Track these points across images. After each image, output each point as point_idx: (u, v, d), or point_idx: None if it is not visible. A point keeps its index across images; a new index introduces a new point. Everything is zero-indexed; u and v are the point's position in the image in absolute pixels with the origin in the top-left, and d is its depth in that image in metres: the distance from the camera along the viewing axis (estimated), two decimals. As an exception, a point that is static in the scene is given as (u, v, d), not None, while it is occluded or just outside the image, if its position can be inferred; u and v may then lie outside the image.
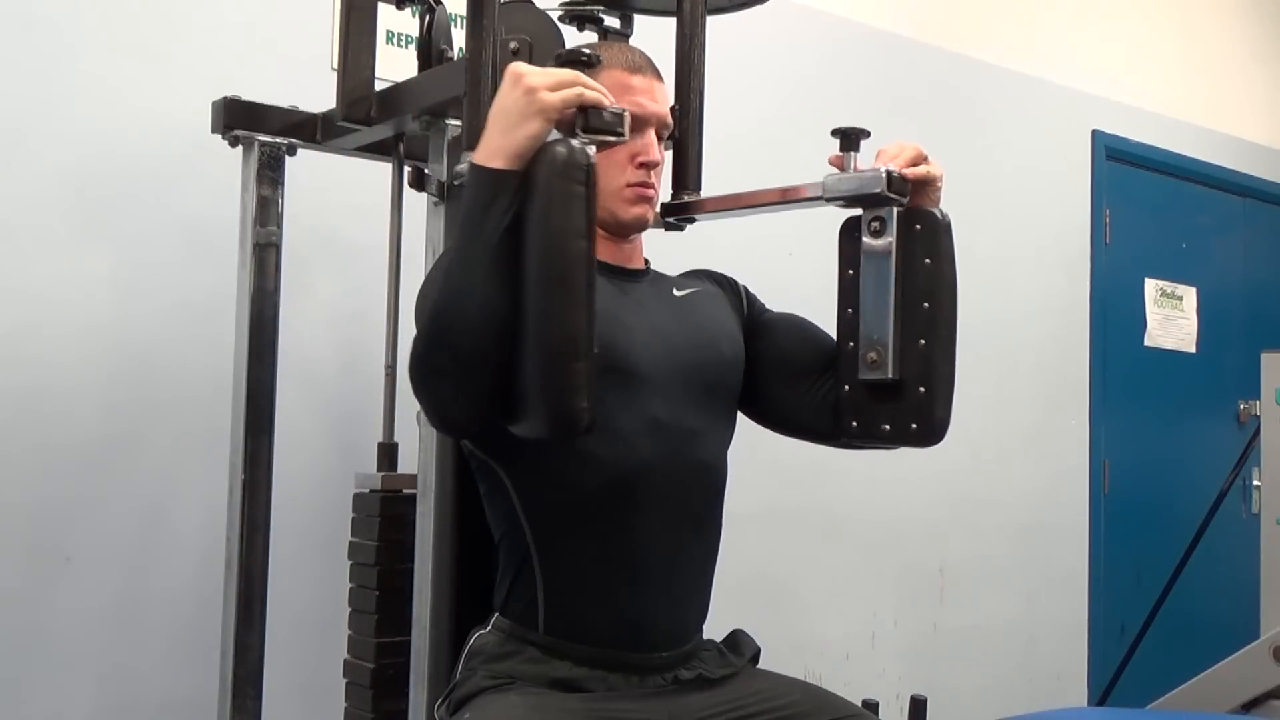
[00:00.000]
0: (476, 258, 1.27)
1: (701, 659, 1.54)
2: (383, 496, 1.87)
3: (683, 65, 1.73)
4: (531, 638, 1.48)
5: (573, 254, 1.24)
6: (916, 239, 1.46)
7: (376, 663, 1.82)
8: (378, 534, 1.85)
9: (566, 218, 1.24)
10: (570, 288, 1.24)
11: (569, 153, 1.26)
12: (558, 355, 1.24)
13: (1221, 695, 2.73)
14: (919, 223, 1.47)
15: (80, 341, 2.12)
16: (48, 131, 2.10)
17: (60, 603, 2.08)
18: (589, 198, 1.25)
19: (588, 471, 1.46)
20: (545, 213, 1.25)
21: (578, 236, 1.25)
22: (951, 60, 3.53)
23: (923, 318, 1.46)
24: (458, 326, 1.27)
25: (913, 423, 1.47)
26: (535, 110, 1.27)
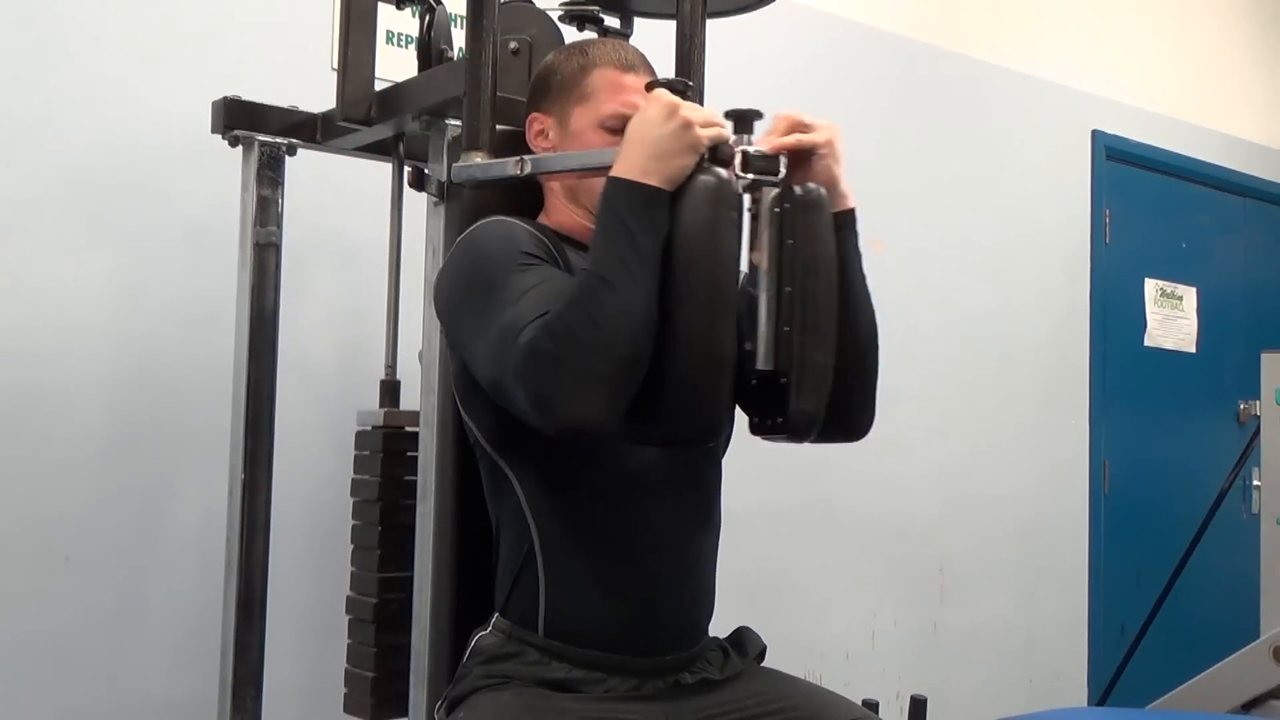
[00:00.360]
0: (640, 269, 1.31)
1: (707, 659, 1.54)
2: (385, 433, 1.88)
3: (682, 65, 1.73)
4: (531, 640, 1.47)
5: (729, 276, 1.34)
6: (784, 220, 1.39)
7: (379, 597, 1.83)
8: (380, 469, 1.86)
9: (730, 242, 1.34)
10: (726, 308, 1.33)
11: (729, 183, 1.34)
12: (713, 368, 1.32)
13: (1221, 695, 2.73)
14: (786, 201, 1.40)
15: (80, 341, 2.12)
16: (48, 131, 2.10)
17: (60, 603, 2.08)
18: (739, 226, 1.35)
19: (595, 469, 1.46)
20: (710, 236, 1.32)
21: (734, 260, 1.35)
22: (951, 60, 3.53)
23: (786, 303, 1.38)
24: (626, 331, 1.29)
25: (777, 415, 1.39)
26: (690, 145, 1.33)
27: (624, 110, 1.54)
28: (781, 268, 1.39)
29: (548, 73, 1.61)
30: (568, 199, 1.59)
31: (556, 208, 1.61)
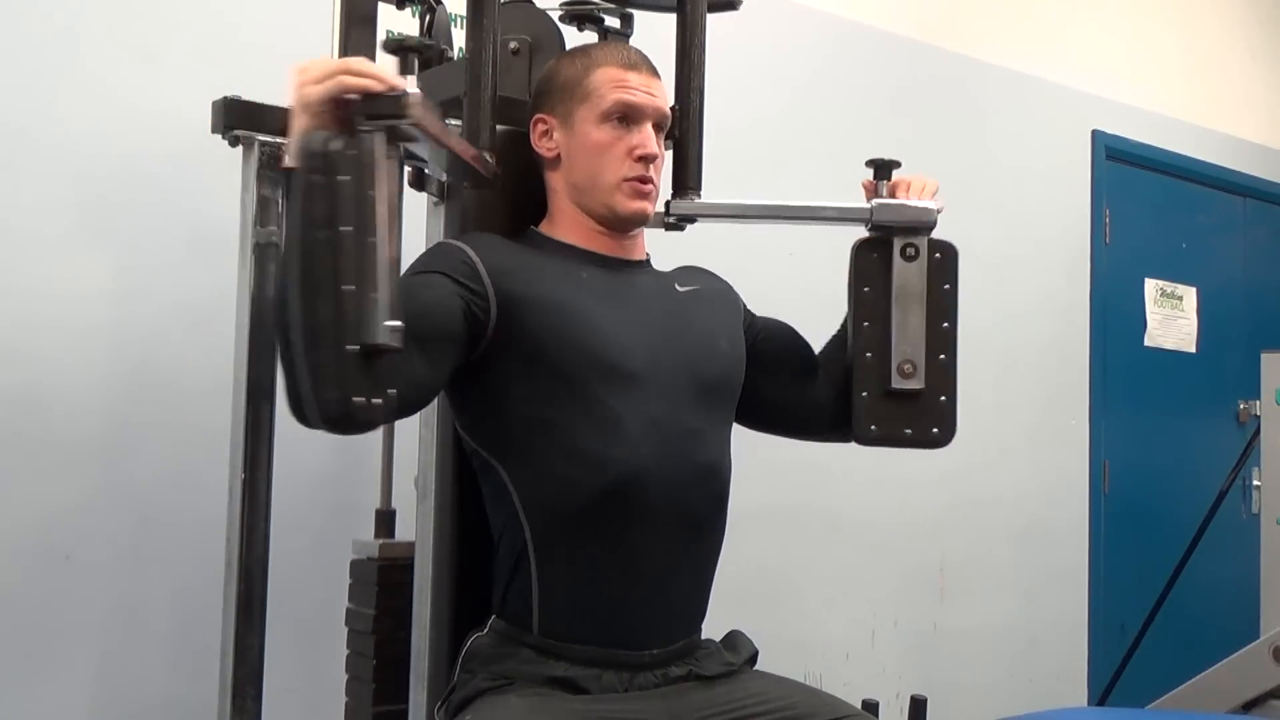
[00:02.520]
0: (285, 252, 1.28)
1: (696, 657, 1.54)
2: (380, 565, 1.86)
3: (683, 65, 1.73)
4: (526, 639, 1.48)
5: (313, 244, 1.22)
6: (937, 265, 1.65)
7: None
8: (375, 603, 1.83)
9: (308, 208, 1.22)
10: (311, 278, 1.22)
11: (313, 142, 1.23)
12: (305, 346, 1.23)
13: (1221, 695, 2.73)
14: (938, 251, 1.66)
15: (80, 341, 2.12)
16: (48, 131, 2.10)
17: (60, 603, 2.08)
18: (331, 186, 1.22)
19: (588, 472, 1.46)
20: (295, 205, 1.24)
21: (318, 226, 1.22)
22: (952, 60, 3.53)
23: (942, 335, 1.64)
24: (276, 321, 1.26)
25: (935, 427, 1.65)
26: (300, 106, 1.26)
27: (627, 98, 1.54)
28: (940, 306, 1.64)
29: (551, 74, 1.61)
30: (574, 201, 1.59)
31: (562, 212, 1.61)
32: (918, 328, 1.63)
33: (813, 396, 1.71)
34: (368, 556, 1.88)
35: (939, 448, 1.67)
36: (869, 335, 1.64)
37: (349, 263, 1.22)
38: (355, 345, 1.22)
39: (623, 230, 1.60)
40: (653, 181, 1.58)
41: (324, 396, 1.23)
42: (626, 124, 1.56)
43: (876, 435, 1.65)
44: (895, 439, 1.66)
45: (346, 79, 1.25)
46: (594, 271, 1.56)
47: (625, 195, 1.56)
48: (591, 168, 1.56)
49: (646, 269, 1.66)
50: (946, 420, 1.65)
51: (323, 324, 1.21)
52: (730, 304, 1.70)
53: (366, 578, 1.87)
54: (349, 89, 1.25)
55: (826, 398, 1.70)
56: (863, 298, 1.65)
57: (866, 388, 1.64)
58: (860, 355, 1.65)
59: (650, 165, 1.56)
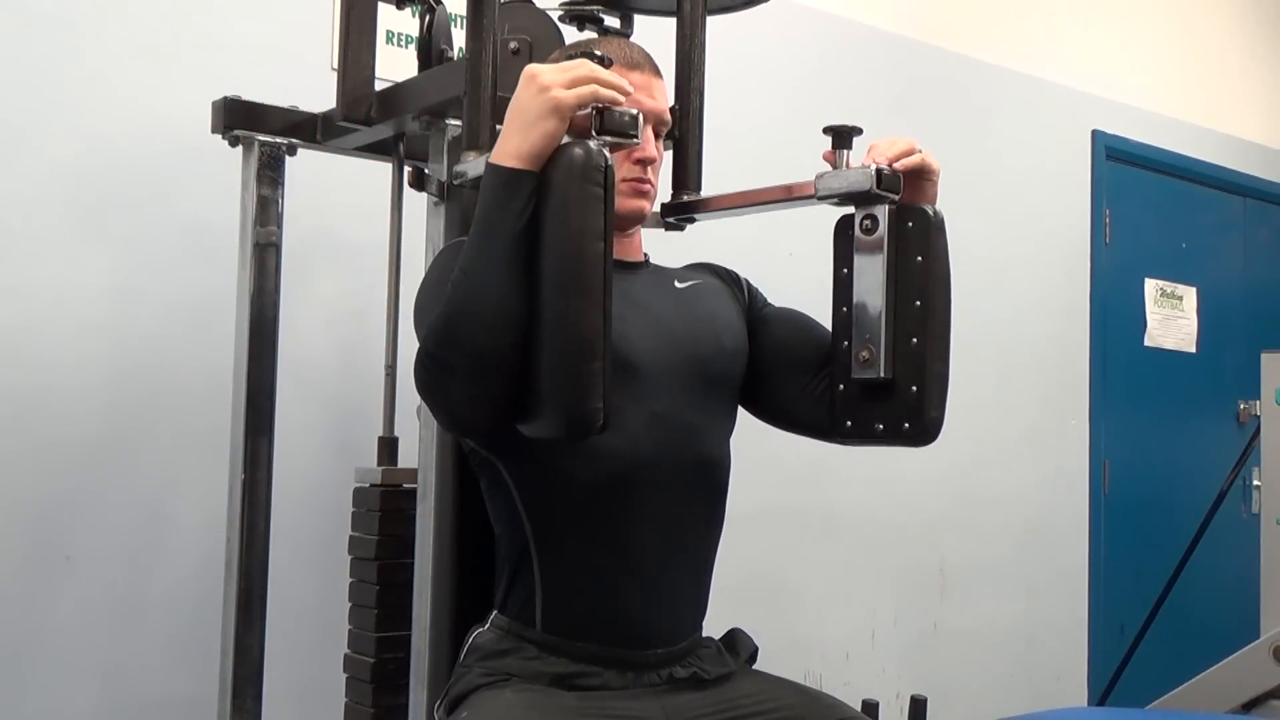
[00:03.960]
0: (494, 257, 1.27)
1: (699, 656, 1.54)
2: (382, 491, 1.87)
3: (683, 65, 1.73)
4: (529, 635, 1.48)
5: (590, 256, 1.24)
6: (909, 236, 1.46)
7: (377, 657, 1.82)
8: (378, 528, 1.85)
9: (584, 219, 1.24)
10: (587, 290, 1.24)
11: (587, 154, 1.26)
12: (574, 356, 1.24)
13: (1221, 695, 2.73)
14: (911, 220, 1.47)
15: (80, 341, 2.12)
16: (48, 131, 2.10)
17: (60, 603, 2.08)
18: (607, 199, 1.25)
19: (587, 467, 1.46)
20: (563, 214, 1.25)
21: (595, 238, 1.25)
22: (952, 60, 3.53)
23: (915, 316, 1.44)
24: (473, 325, 1.27)
25: (905, 422, 1.45)
26: (550, 109, 1.27)
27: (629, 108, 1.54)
28: (909, 282, 1.44)
29: None
30: None
31: None
32: (875, 309, 1.45)
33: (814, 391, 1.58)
34: (370, 483, 1.89)
35: (915, 445, 1.48)
36: (844, 321, 1.49)
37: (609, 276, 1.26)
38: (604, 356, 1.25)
39: (620, 229, 1.60)
40: (650, 182, 1.58)
41: (593, 406, 1.25)
42: None
43: (851, 431, 1.50)
44: (868, 435, 1.49)
45: (599, 89, 1.28)
46: None
47: (622, 195, 1.55)
48: None
49: (644, 267, 1.66)
50: (918, 414, 1.44)
51: (598, 336, 1.24)
52: (728, 295, 1.68)
53: (369, 503, 1.88)
54: (599, 99, 1.28)
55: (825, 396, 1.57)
56: (840, 280, 1.50)
57: (843, 379, 1.50)
58: (838, 345, 1.50)
59: (648, 168, 1.57)
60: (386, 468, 1.91)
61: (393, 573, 1.82)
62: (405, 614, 1.70)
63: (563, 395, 1.25)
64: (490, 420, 1.34)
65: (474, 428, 1.41)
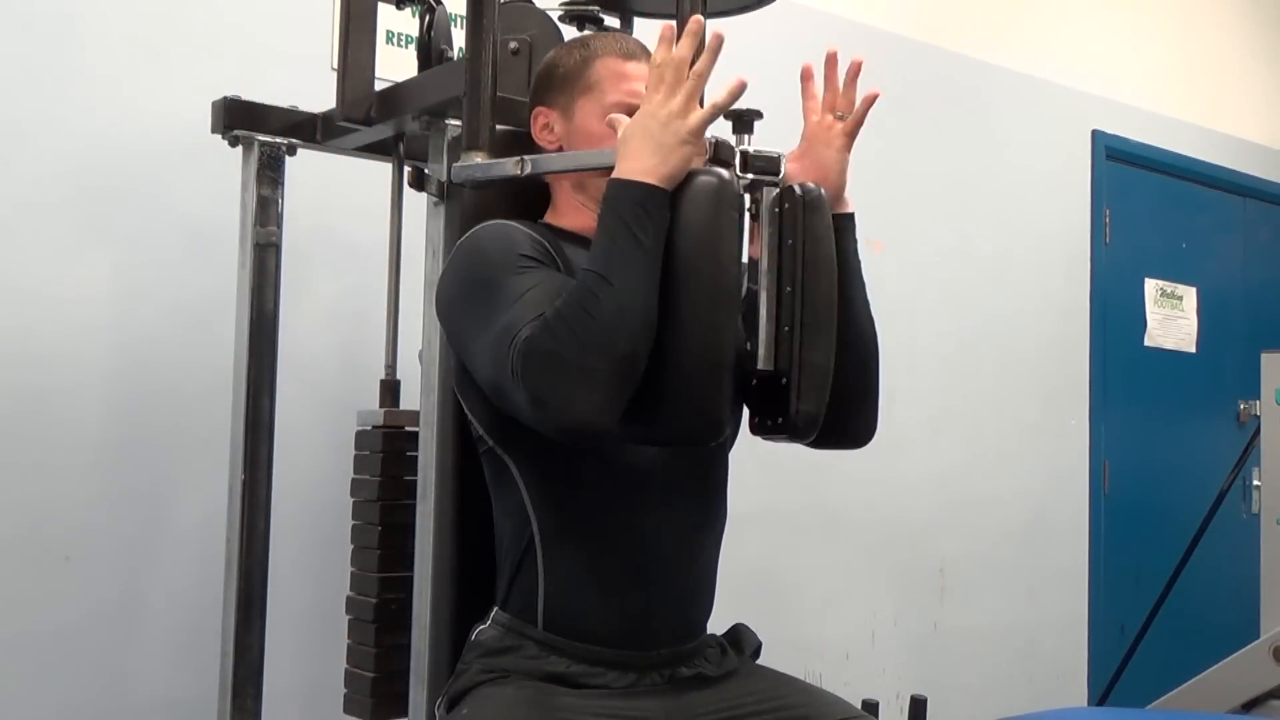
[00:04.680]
0: (642, 268, 1.31)
1: (704, 655, 1.54)
2: (384, 432, 1.87)
3: (682, 65, 1.72)
4: (530, 633, 1.47)
5: (734, 276, 1.35)
6: (783, 219, 1.40)
7: (380, 598, 1.83)
8: (380, 469, 1.86)
9: (732, 241, 1.33)
10: (730, 307, 1.35)
11: (730, 182, 1.35)
12: (717, 366, 1.32)
13: (1221, 695, 2.73)
14: (787, 201, 1.41)
15: (80, 341, 2.12)
16: (48, 131, 2.10)
17: (60, 603, 2.08)
18: (741, 226, 1.37)
19: (598, 468, 1.46)
20: (712, 235, 1.32)
21: (735, 260, 1.35)
22: (952, 60, 3.53)
23: (786, 304, 1.38)
24: (622, 331, 1.29)
25: (778, 416, 1.40)
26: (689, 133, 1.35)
27: (628, 100, 1.54)
28: (781, 268, 1.39)
29: (551, 66, 1.61)
30: (576, 192, 1.59)
31: (565, 204, 1.61)
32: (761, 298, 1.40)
33: None
34: (372, 425, 1.89)
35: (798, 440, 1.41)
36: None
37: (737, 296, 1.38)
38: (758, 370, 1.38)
39: None
40: None
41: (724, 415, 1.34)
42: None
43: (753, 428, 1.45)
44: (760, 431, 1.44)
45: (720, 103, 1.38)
46: None
47: None
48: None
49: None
50: (784, 407, 1.38)
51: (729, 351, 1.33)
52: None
53: (371, 445, 1.89)
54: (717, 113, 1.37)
55: None
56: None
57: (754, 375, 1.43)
58: None
59: None
60: (388, 409, 1.92)
61: (395, 514, 1.83)
62: (407, 555, 1.72)
63: (703, 400, 1.32)
64: (615, 423, 1.33)
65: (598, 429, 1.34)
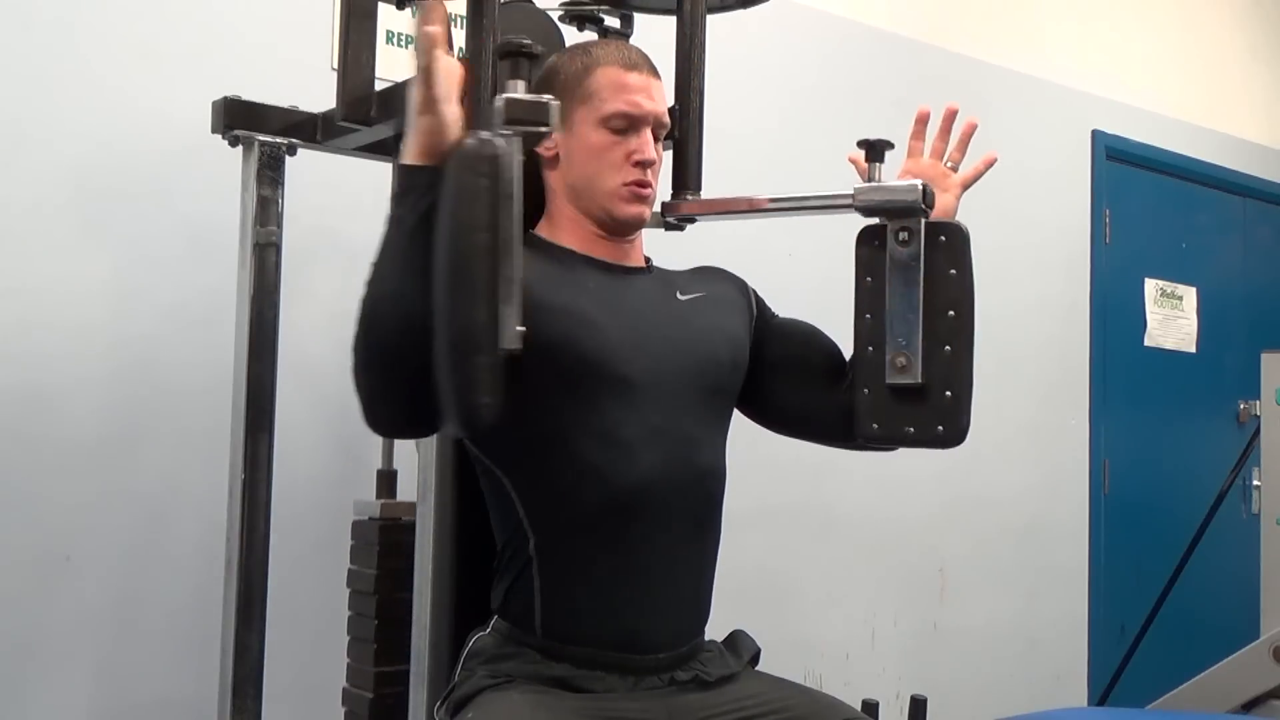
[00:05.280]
0: (391, 254, 1.31)
1: (701, 660, 1.54)
2: (381, 525, 1.85)
3: (683, 65, 1.73)
4: (529, 640, 1.47)
5: (473, 248, 1.22)
6: (940, 249, 1.50)
7: (375, 692, 1.81)
8: (376, 562, 1.83)
9: (467, 211, 1.23)
10: (471, 283, 1.22)
11: (475, 145, 1.24)
12: (459, 350, 1.22)
13: (1221, 695, 2.73)
14: (943, 234, 1.51)
15: (80, 341, 2.12)
16: (48, 131, 2.10)
17: (60, 603, 2.08)
18: (494, 190, 1.23)
19: (590, 480, 1.46)
20: (449, 207, 1.24)
21: (479, 230, 1.22)
22: (952, 60, 3.53)
23: (948, 325, 1.49)
24: (376, 322, 1.30)
25: (939, 425, 1.50)
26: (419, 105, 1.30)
27: (627, 109, 1.53)
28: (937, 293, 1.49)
29: (551, 74, 1.61)
30: (572, 202, 1.58)
31: (560, 214, 1.60)
32: (913, 317, 1.50)
33: (830, 399, 1.63)
34: (369, 516, 1.88)
35: (945, 447, 1.52)
36: (871, 329, 1.53)
37: (501, 267, 1.23)
38: (504, 350, 1.23)
39: (620, 234, 1.60)
40: (650, 185, 1.57)
41: (479, 401, 1.22)
42: (625, 131, 1.55)
43: (878, 434, 1.53)
44: (897, 438, 1.53)
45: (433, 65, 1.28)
46: (595, 277, 1.56)
47: (623, 199, 1.55)
48: (589, 170, 1.56)
49: (646, 274, 1.65)
50: (952, 418, 1.49)
51: (481, 329, 1.22)
52: (735, 306, 1.68)
53: (368, 537, 1.87)
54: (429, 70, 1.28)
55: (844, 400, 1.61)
56: (863, 288, 1.54)
57: (868, 384, 1.53)
58: (862, 350, 1.54)
59: (648, 170, 1.56)
60: (385, 501, 1.90)
61: (391, 608, 1.81)
62: (404, 648, 1.68)
63: (452, 390, 1.23)
64: (402, 418, 1.35)
65: (389, 425, 1.40)
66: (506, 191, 1.24)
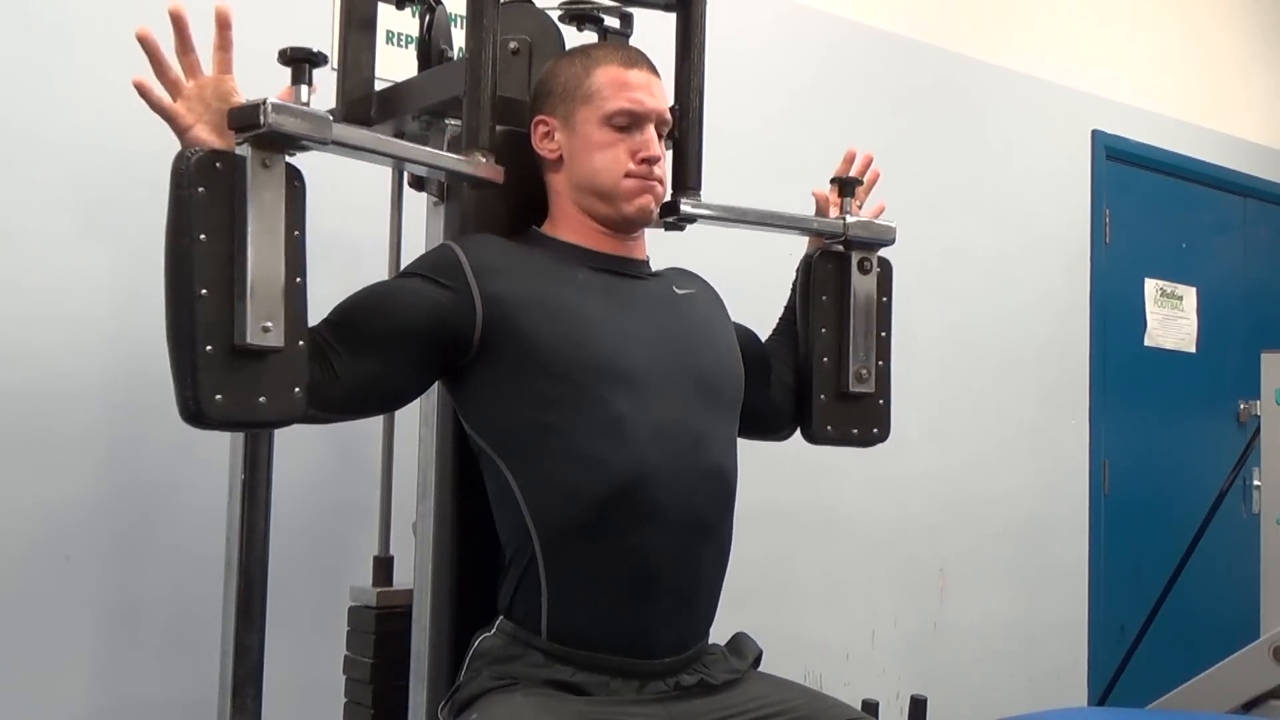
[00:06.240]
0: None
1: (705, 664, 1.54)
2: (378, 614, 1.83)
3: (683, 65, 1.73)
4: (535, 642, 1.47)
5: (176, 251, 1.38)
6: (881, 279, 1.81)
7: None
8: (373, 651, 1.81)
9: (173, 218, 1.39)
10: (175, 283, 1.39)
11: (175, 159, 1.39)
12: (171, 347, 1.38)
13: (1221, 695, 2.73)
14: (880, 266, 1.81)
15: (80, 341, 2.12)
16: (48, 131, 2.10)
17: (60, 603, 2.08)
18: (186, 198, 1.37)
19: (594, 476, 1.46)
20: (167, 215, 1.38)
21: (179, 234, 1.37)
22: (952, 60, 3.53)
23: (883, 344, 1.81)
24: None
25: (875, 428, 1.82)
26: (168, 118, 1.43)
27: (629, 106, 1.54)
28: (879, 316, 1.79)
29: (551, 75, 1.61)
30: (576, 202, 1.59)
31: (564, 213, 1.60)
32: (871, 336, 1.78)
33: (772, 398, 1.78)
34: (365, 604, 1.86)
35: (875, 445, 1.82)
36: (826, 341, 1.77)
37: (209, 269, 1.35)
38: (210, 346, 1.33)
39: (627, 230, 1.60)
40: (659, 180, 1.58)
41: (181, 394, 1.34)
42: (628, 128, 1.56)
43: (830, 435, 1.78)
44: (844, 439, 1.80)
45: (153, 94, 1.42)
46: (595, 273, 1.56)
47: (630, 194, 1.55)
48: (594, 168, 1.56)
49: (648, 270, 1.66)
50: (884, 421, 1.82)
51: (181, 326, 1.36)
52: (719, 307, 1.71)
53: (364, 626, 1.84)
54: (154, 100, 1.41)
55: (783, 399, 1.79)
56: (821, 306, 1.77)
57: (824, 390, 1.77)
58: (818, 360, 1.76)
59: (654, 166, 1.56)
60: (382, 589, 1.86)
61: (387, 697, 1.78)
62: None
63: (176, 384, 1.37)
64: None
65: None
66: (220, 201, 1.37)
